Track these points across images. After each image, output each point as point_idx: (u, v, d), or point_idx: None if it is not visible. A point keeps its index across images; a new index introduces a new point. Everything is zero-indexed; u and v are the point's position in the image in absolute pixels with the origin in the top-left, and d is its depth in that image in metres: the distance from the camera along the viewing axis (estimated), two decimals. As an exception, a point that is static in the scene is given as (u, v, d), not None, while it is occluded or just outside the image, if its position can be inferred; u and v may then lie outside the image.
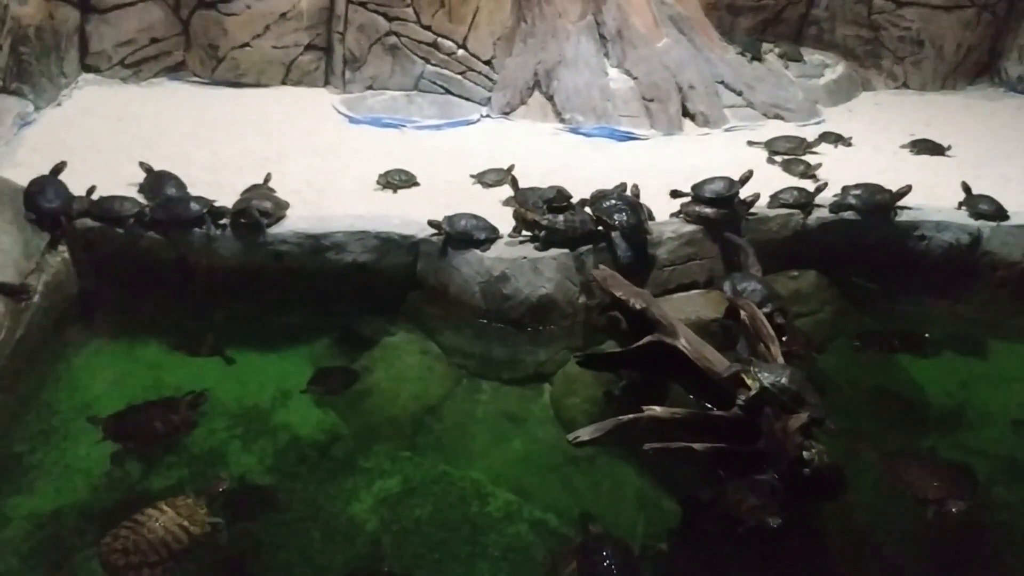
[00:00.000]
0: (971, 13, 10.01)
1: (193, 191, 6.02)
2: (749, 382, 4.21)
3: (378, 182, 6.67)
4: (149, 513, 3.94)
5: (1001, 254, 6.41)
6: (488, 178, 6.86)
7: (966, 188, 6.66)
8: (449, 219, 5.63)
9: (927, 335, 6.05)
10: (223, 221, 5.70)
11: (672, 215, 6.10)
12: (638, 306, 4.86)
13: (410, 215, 5.95)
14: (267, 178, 6.34)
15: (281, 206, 5.83)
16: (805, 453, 3.99)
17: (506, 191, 6.49)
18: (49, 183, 5.74)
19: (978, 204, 6.50)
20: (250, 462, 4.60)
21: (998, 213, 6.43)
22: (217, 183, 6.29)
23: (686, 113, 8.56)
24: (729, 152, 7.94)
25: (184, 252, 5.72)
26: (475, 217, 5.66)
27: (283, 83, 8.93)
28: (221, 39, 8.60)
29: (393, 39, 8.57)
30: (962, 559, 4.30)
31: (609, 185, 6.25)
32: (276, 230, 5.71)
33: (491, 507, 4.40)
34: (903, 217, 6.41)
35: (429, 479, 4.56)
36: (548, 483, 4.59)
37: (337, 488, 4.47)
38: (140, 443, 4.66)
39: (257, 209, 5.64)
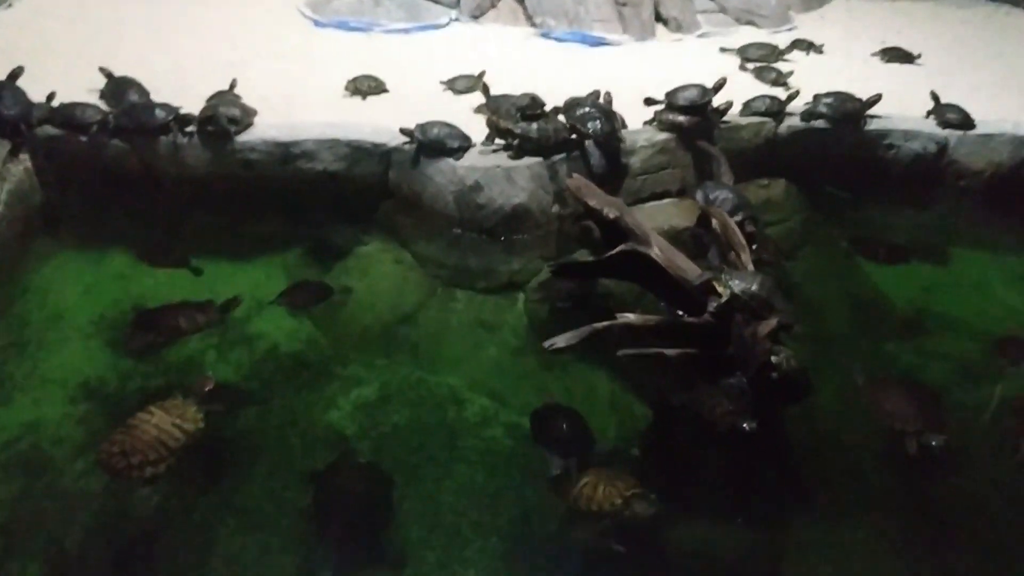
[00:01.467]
0: (945, -83, 9.91)
1: (156, 98, 5.86)
2: (720, 289, 4.27)
3: (346, 88, 6.55)
4: (140, 417, 3.97)
5: (966, 163, 6.50)
6: (459, 85, 6.76)
7: (935, 97, 6.70)
8: (421, 127, 5.55)
9: (907, 247, 6.15)
10: (190, 129, 5.58)
11: (645, 123, 6.08)
12: (611, 215, 4.87)
13: (380, 122, 5.86)
14: (232, 84, 6.19)
15: (249, 113, 5.71)
16: (773, 358, 4.07)
17: (478, 98, 6.40)
18: (7, 89, 5.55)
19: (946, 113, 6.55)
20: (227, 372, 4.61)
21: (965, 122, 6.49)
22: (181, 89, 6.11)
23: (659, 18, 8.46)
24: (701, 59, 7.89)
25: (150, 161, 5.61)
26: (448, 125, 5.59)
27: (244, -15, 8.65)
28: (179, -64, 8.26)
29: (358, -62, 8.31)
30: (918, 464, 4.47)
31: (581, 92, 6.17)
32: (244, 138, 5.60)
33: (468, 412, 4.49)
34: (872, 126, 6.44)
35: (406, 386, 4.62)
36: (523, 389, 4.67)
37: (315, 396, 4.52)
38: (164, 337, 4.76)
39: (225, 116, 5.52)
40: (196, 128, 5.57)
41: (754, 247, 5.15)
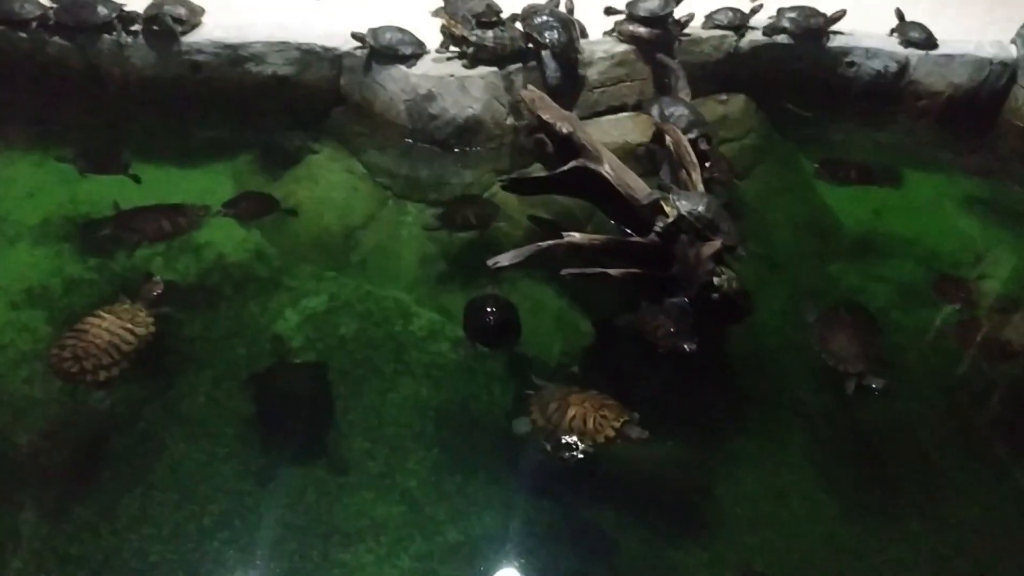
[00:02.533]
0: None
1: (100, -8, 5.65)
2: (667, 209, 4.28)
3: (300, -12, 6.33)
4: (91, 321, 3.94)
5: (926, 83, 6.49)
6: (416, -13, 6.55)
7: (899, 15, 6.62)
8: (374, 32, 5.41)
9: (916, 175, 6.15)
10: (134, 27, 5.41)
11: (605, 33, 5.96)
12: (564, 130, 4.82)
13: (333, 25, 5.71)
14: (180, -20, 5.96)
15: (196, 12, 5.53)
16: (715, 279, 4.13)
17: (436, 0, 6.23)
18: (-61, -19, 5.33)
19: (909, 32, 6.49)
20: (174, 281, 4.57)
21: (927, 42, 6.44)
22: (126, -16, 5.90)
23: (629, -80, 8.17)
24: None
25: (94, 60, 5.44)
26: (401, 31, 5.45)
27: None
28: None
29: None
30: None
31: (542, -1, 6.07)
32: (192, 38, 5.45)
33: (415, 326, 4.49)
34: (835, 42, 6.37)
35: (354, 298, 4.62)
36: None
37: (262, 307, 4.50)
38: (146, 238, 4.76)
39: (170, 15, 5.35)
40: (141, 27, 5.39)
41: (707, 165, 5.16)
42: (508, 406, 4.04)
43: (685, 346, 4.08)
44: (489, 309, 4.31)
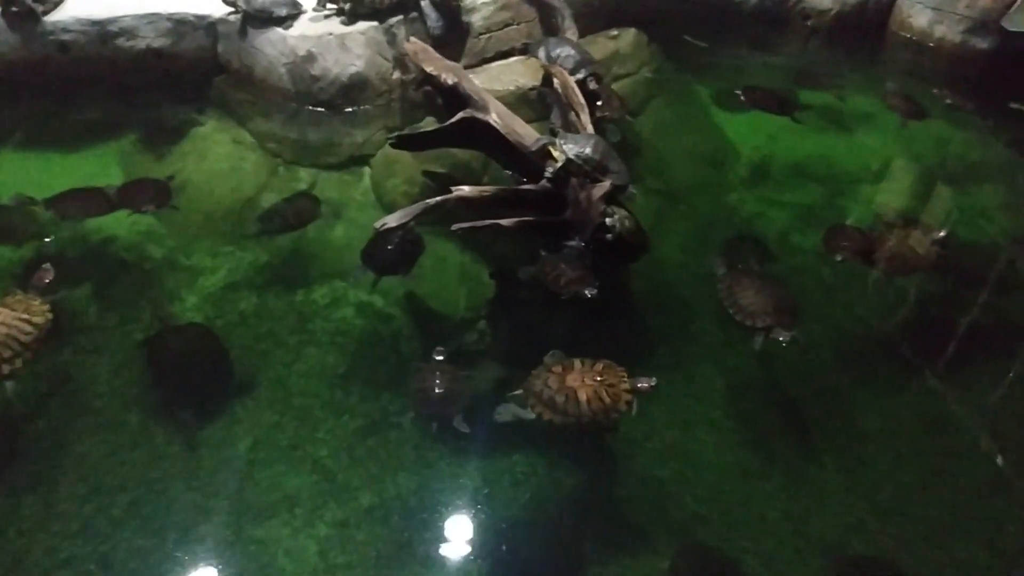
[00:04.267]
0: None
1: (-46, -27, 5.36)
2: (555, 154, 4.26)
3: (171, -47, 6.08)
4: None
5: (812, 2, 6.54)
6: (294, -58, 6.35)
7: (782, -65, 6.64)
8: (245, -5, 5.25)
9: (810, 96, 6.17)
10: (-7, 10, 5.15)
11: (488, -22, 5.86)
12: (449, 81, 4.75)
13: (208, -9, 5.53)
14: (40, -45, 5.69)
15: (56, -11, 5.29)
16: (607, 220, 4.14)
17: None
18: None
19: (792, -49, 6.51)
20: (66, 268, 4.42)
21: (811, -40, 6.48)
22: (-18, -37, 5.60)
23: None
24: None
25: (-47, 46, 5.19)
26: (274, -9, 5.29)
27: None
28: None
29: None
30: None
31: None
32: (55, 17, 5.21)
33: (316, 295, 4.45)
34: (720, -31, 6.38)
35: (252, 272, 4.54)
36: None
37: (158, 289, 4.41)
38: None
39: (29, -6, 5.10)
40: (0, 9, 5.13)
41: (599, 104, 5.15)
42: (416, 365, 4.02)
43: (586, 291, 4.10)
44: (388, 247, 4.34)
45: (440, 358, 3.94)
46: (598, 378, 3.58)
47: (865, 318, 4.58)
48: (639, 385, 3.59)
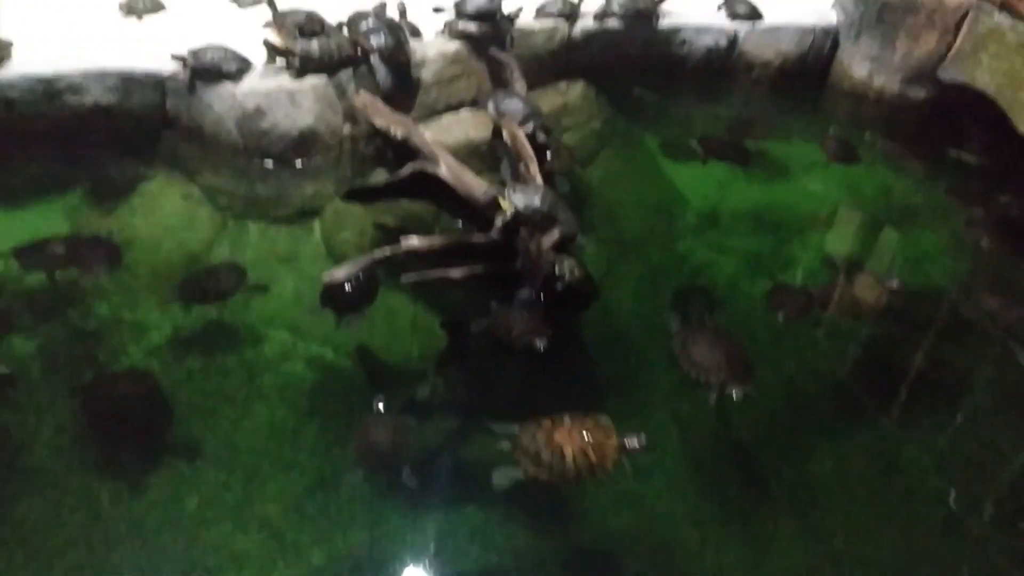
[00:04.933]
0: None
1: None
2: (504, 205, 4.29)
3: (120, 8, 6.10)
4: None
5: (756, 54, 6.72)
6: (245, -1, 6.41)
7: (725, -11, 6.83)
8: (194, 52, 5.25)
9: (756, 145, 6.29)
10: (-66, 68, 5.10)
11: (437, 33, 5.94)
12: (399, 134, 4.78)
13: (157, 46, 5.52)
14: (-13, 13, 5.68)
15: (2, 47, 5.24)
16: (557, 269, 4.17)
17: (266, 13, 6.09)
18: None
19: (735, 6, 6.70)
20: (4, 322, 4.35)
21: (753, 14, 6.66)
22: (-73, 22, 5.59)
23: (458, -84, 8.17)
24: (501, -42, 7.72)
25: None
26: (223, 48, 5.29)
27: None
28: None
29: None
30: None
31: (379, 1, 6.00)
32: (1, 75, 5.16)
33: (266, 348, 4.39)
34: (665, 22, 6.52)
35: (200, 327, 4.48)
36: (323, 319, 4.55)
37: (103, 346, 4.32)
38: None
39: (-28, 52, 5.06)
40: (-58, 67, 5.09)
41: (549, 155, 5.21)
42: (361, 418, 3.98)
43: (538, 343, 4.10)
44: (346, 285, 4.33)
45: (382, 407, 3.90)
46: (586, 434, 3.55)
47: (815, 363, 4.63)
48: (627, 443, 3.58)
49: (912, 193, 6.19)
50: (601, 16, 6.36)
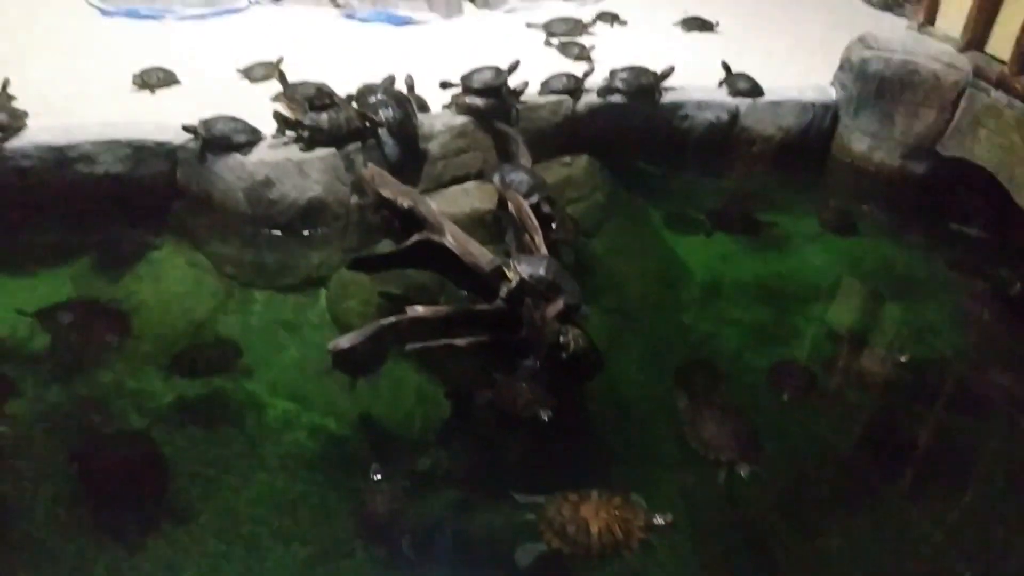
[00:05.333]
0: None
1: (-82, 103, 5.44)
2: (509, 275, 4.32)
3: (134, 82, 6.26)
4: None
5: (757, 129, 6.81)
6: (256, 72, 6.57)
7: (726, 67, 6.96)
8: (205, 123, 5.35)
9: (761, 218, 6.34)
10: (-50, 138, 5.19)
11: (444, 107, 6.06)
12: (405, 205, 4.84)
13: (169, 118, 5.62)
14: (5, 84, 5.81)
15: (18, 117, 5.36)
16: (561, 338, 4.18)
17: (276, 86, 6.24)
18: None
19: (736, 82, 6.82)
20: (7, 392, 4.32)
21: (754, 90, 6.78)
22: (-54, 93, 5.71)
23: (465, -5, 8.44)
24: (508, 35, 7.94)
25: (-91, 172, 5.19)
26: (233, 119, 5.40)
27: (23, -29, 8.08)
28: (-60, -78, 7.62)
29: (144, -82, 7.88)
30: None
31: (388, 73, 6.14)
32: (15, 143, 5.26)
33: (268, 417, 4.37)
34: (668, 98, 6.64)
35: (203, 396, 4.46)
36: (327, 388, 4.55)
37: (106, 413, 4.30)
38: None
39: (-11, 122, 5.16)
40: (-42, 136, 5.19)
41: (554, 226, 5.26)
42: (361, 488, 3.95)
43: (542, 414, 4.11)
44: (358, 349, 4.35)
45: (384, 478, 3.86)
46: (614, 511, 3.59)
47: (822, 436, 4.59)
48: (655, 521, 3.61)
49: (914, 265, 6.22)
50: (605, 92, 6.48)
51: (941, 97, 6.48)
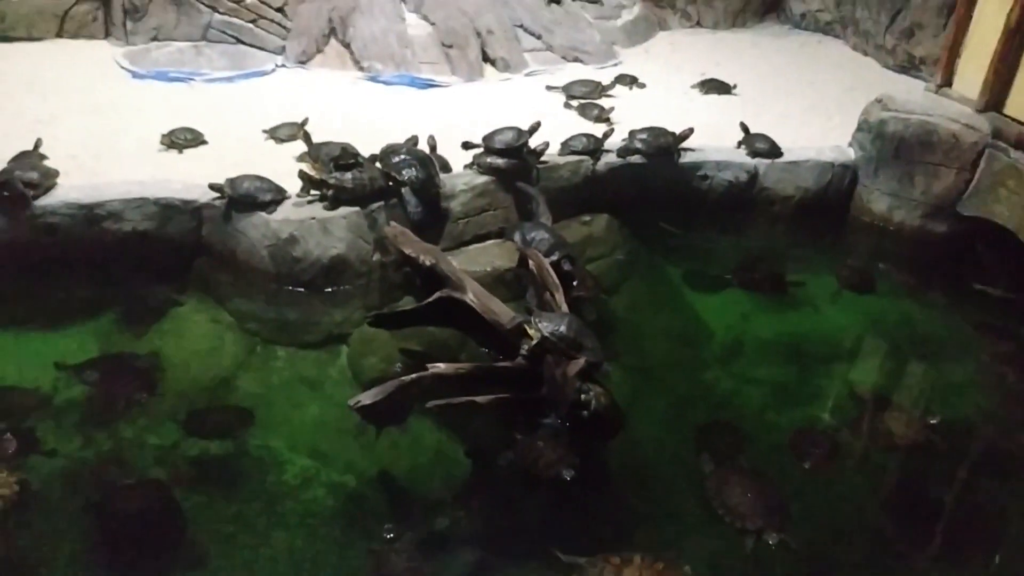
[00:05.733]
0: (753, -46, 10.47)
1: (-45, 161, 5.59)
2: (530, 332, 4.34)
3: (162, 142, 6.39)
4: None
5: (776, 189, 6.84)
6: (281, 133, 6.69)
7: (744, 128, 7.03)
8: (231, 181, 5.45)
9: (788, 278, 6.33)
10: (-16, 195, 5.30)
11: (466, 167, 6.14)
12: (427, 262, 4.89)
13: (195, 177, 5.74)
14: (37, 144, 5.96)
15: (49, 175, 5.48)
16: (583, 396, 4.17)
17: (301, 146, 6.35)
18: None
19: (755, 143, 6.88)
20: (31, 451, 4.33)
21: (772, 151, 6.83)
22: (-19, 151, 5.85)
23: (486, 58, 8.58)
24: (528, 97, 8.05)
25: (-58, 229, 5.30)
26: (259, 178, 5.49)
27: (58, 36, 8.37)
28: (-20, -11, 7.91)
29: (175, -14, 8.15)
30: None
31: (411, 134, 6.25)
32: (46, 201, 5.37)
33: (288, 474, 4.35)
34: (687, 158, 6.69)
35: (222, 452, 4.47)
36: (346, 445, 4.56)
37: (125, 468, 4.31)
38: None
39: (21, 180, 5.27)
40: (-9, 194, 5.30)
41: (575, 284, 5.27)
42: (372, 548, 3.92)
43: (565, 474, 4.08)
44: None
45: (403, 537, 3.84)
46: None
47: (849, 498, 4.52)
48: None
49: (937, 325, 6.18)
50: (624, 152, 6.55)
51: (960, 157, 6.51)
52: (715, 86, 8.50)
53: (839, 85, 8.86)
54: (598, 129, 6.88)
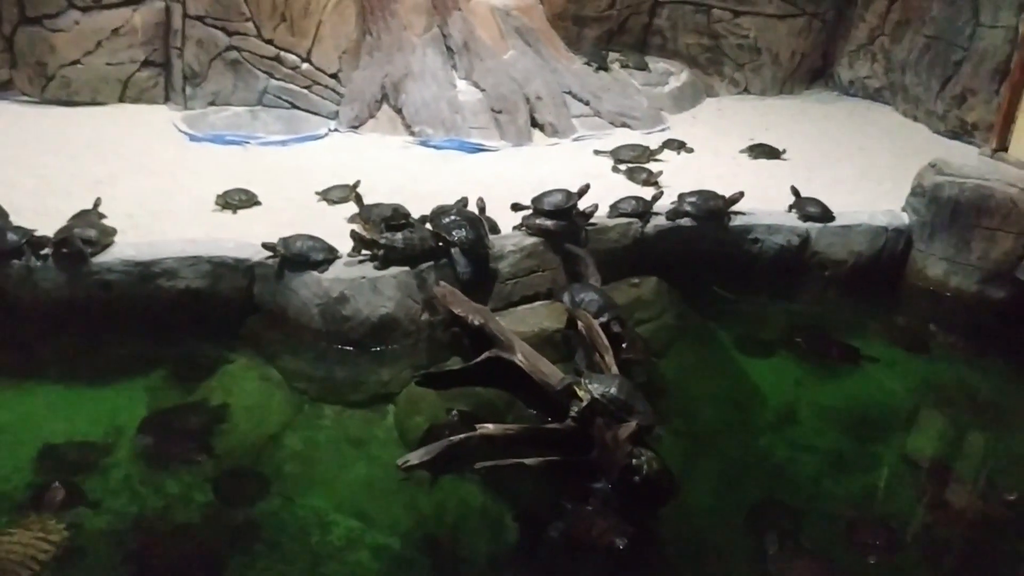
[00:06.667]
0: (802, 21, 10.53)
1: (17, 219, 5.74)
2: (580, 394, 4.28)
3: (216, 203, 6.51)
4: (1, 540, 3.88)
5: (828, 253, 6.76)
6: (333, 195, 6.78)
7: (795, 192, 6.98)
8: (284, 240, 5.52)
9: (841, 343, 6.23)
10: (44, 251, 5.42)
11: (515, 228, 6.16)
12: (476, 322, 4.87)
13: (249, 237, 5.83)
14: (96, 203, 6.11)
15: (107, 233, 5.61)
16: (634, 461, 4.08)
17: (352, 208, 6.43)
18: None
19: (806, 207, 6.82)
20: (79, 502, 4.33)
21: (824, 215, 6.76)
22: (44, 209, 6.02)
23: (535, 124, 8.68)
24: (576, 161, 8.10)
25: (2, 284, 5.41)
26: (312, 238, 5.56)
27: (120, 101, 8.65)
28: (49, 56, 8.24)
29: (234, 53, 8.42)
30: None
31: (461, 197, 6.28)
32: (102, 258, 5.48)
33: (332, 535, 4.29)
34: (737, 222, 6.65)
35: (268, 511, 4.42)
36: (392, 507, 4.52)
37: (169, 525, 4.28)
38: None
39: (80, 238, 5.39)
40: (51, 251, 5.41)
41: (624, 346, 5.21)
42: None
43: (618, 542, 3.99)
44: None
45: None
46: None
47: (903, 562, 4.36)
48: None
49: (998, 393, 6.00)
50: (673, 215, 6.53)
51: (1019, 222, 6.39)
52: (764, 151, 8.48)
53: (889, 151, 8.80)
54: (646, 192, 6.89)
